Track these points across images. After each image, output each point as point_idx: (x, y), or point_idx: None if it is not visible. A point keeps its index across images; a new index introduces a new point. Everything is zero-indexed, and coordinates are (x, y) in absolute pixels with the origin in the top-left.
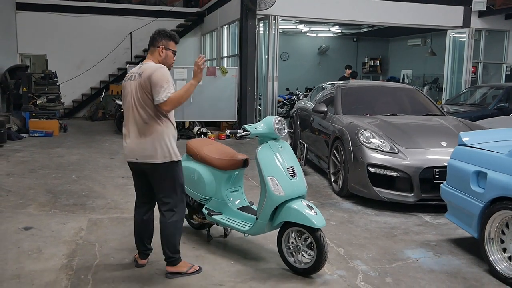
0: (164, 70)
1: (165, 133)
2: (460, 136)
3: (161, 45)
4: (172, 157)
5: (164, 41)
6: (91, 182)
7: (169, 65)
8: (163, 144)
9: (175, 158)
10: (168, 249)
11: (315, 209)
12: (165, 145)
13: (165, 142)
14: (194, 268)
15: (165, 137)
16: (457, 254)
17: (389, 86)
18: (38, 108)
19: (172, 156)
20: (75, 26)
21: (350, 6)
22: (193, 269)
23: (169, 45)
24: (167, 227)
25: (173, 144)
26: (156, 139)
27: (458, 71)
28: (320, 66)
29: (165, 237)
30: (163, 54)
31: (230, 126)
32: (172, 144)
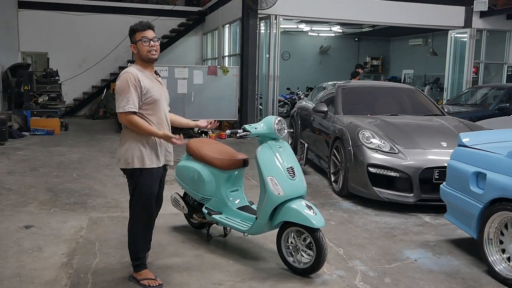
0: (122, 78)
1: (136, 138)
2: (460, 136)
3: (132, 43)
4: (134, 164)
5: (132, 38)
6: (91, 181)
7: (146, 56)
8: (129, 149)
9: (137, 166)
10: (129, 255)
11: (314, 209)
12: (130, 151)
13: (133, 147)
14: (151, 282)
15: (134, 142)
16: (456, 255)
17: (390, 86)
18: (40, 106)
19: (135, 163)
20: (77, 24)
21: (351, 5)
22: (149, 282)
23: (135, 37)
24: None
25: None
26: (126, 142)
27: (459, 71)
28: (321, 65)
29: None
30: (136, 50)
31: (231, 126)
32: (140, 150)
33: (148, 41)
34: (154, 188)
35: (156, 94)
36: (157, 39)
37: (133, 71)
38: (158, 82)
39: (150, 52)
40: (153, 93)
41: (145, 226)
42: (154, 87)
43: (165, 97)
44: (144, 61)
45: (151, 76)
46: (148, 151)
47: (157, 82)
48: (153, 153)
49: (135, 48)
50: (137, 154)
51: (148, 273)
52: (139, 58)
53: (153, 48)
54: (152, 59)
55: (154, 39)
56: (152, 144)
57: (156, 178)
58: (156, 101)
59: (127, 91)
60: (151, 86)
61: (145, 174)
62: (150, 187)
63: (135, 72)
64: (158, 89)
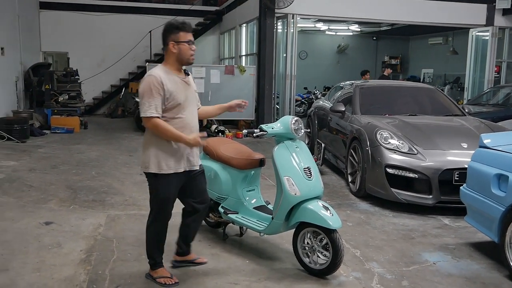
0: (146, 81)
1: (155, 143)
2: (481, 137)
3: (171, 41)
4: (150, 168)
5: (172, 35)
6: (110, 179)
7: (187, 60)
8: (148, 154)
9: (153, 171)
10: (146, 252)
11: (331, 210)
12: (148, 155)
13: (152, 151)
14: (168, 280)
15: (153, 147)
16: (476, 259)
17: (409, 85)
18: (60, 105)
19: (151, 167)
20: (96, 24)
21: (370, 4)
22: (165, 280)
23: (179, 37)
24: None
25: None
26: (145, 146)
27: (481, 71)
28: (339, 64)
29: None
30: (176, 50)
31: (248, 125)
32: (157, 155)
33: (192, 45)
34: (171, 193)
35: (180, 98)
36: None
37: (157, 73)
38: (185, 83)
39: (191, 56)
40: (177, 96)
41: (160, 228)
42: (179, 90)
43: (192, 99)
44: (179, 63)
45: (176, 79)
46: (165, 156)
47: (183, 84)
48: (171, 158)
49: (175, 48)
50: (153, 159)
51: (164, 272)
52: (176, 59)
53: (194, 53)
54: (190, 64)
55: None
56: (171, 150)
57: (175, 183)
58: (179, 105)
59: (149, 95)
60: (175, 89)
61: (161, 179)
62: (166, 192)
63: (159, 75)
64: (183, 92)
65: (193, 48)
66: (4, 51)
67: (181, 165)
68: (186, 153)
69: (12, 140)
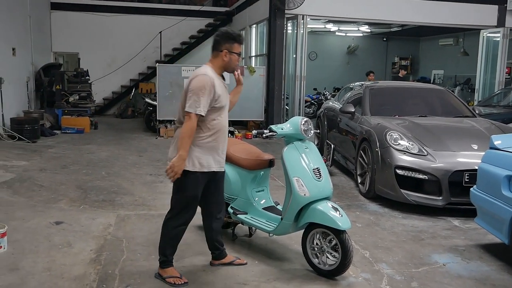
0: (202, 79)
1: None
2: (492, 139)
3: (225, 49)
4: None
5: (227, 44)
6: (120, 179)
7: (232, 69)
8: (175, 149)
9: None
10: (158, 249)
11: (340, 211)
12: (175, 150)
13: (177, 147)
14: (177, 280)
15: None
16: (486, 260)
17: (419, 87)
18: (70, 105)
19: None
20: (107, 25)
21: (380, 5)
22: (174, 280)
23: (233, 48)
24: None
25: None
26: (173, 142)
27: (492, 72)
28: (348, 65)
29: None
30: (227, 59)
31: (257, 125)
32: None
33: (239, 56)
34: (198, 191)
35: (224, 100)
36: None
37: (211, 75)
38: (225, 87)
39: (235, 66)
40: (222, 99)
41: (180, 226)
42: (224, 94)
43: (227, 103)
44: (223, 69)
45: (221, 82)
46: (199, 154)
47: (225, 89)
48: (205, 157)
49: (227, 57)
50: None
51: (174, 271)
52: (223, 65)
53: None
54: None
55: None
56: (202, 149)
57: (202, 182)
58: (222, 108)
59: (202, 94)
60: (222, 93)
61: (191, 176)
62: (194, 190)
63: (213, 77)
64: (227, 96)
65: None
66: (15, 51)
67: (212, 165)
68: (219, 152)
69: (23, 140)
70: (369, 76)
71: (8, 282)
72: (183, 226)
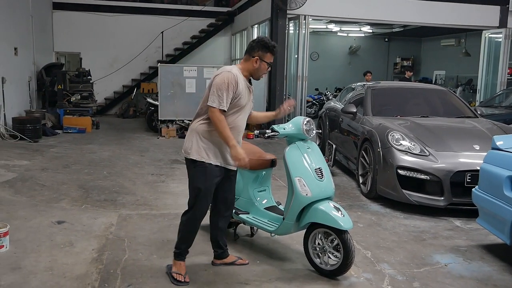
0: (226, 76)
1: (200, 131)
2: (494, 139)
3: (257, 56)
4: (191, 154)
5: (260, 52)
6: (121, 179)
7: (258, 77)
8: (191, 140)
9: (193, 157)
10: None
11: (342, 211)
12: (191, 141)
13: (194, 138)
14: (179, 277)
15: (196, 135)
16: (488, 261)
17: (421, 87)
18: (72, 105)
19: (193, 154)
20: (109, 25)
21: (382, 5)
22: (177, 276)
23: (265, 57)
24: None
25: (200, 143)
26: (190, 133)
27: (493, 72)
28: (350, 66)
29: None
30: (257, 65)
31: (259, 125)
32: (198, 143)
33: (270, 66)
34: (208, 184)
35: (244, 101)
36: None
37: (236, 72)
38: (248, 89)
39: (263, 75)
40: (243, 99)
41: (195, 218)
42: (245, 94)
43: (249, 106)
44: (250, 75)
45: (245, 83)
46: (206, 145)
47: (248, 89)
48: (212, 150)
49: (257, 64)
50: (195, 146)
51: (181, 267)
52: (251, 71)
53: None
54: (257, 80)
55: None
56: (214, 142)
57: (212, 175)
58: (241, 108)
59: (225, 89)
60: (243, 92)
61: (199, 167)
62: (203, 181)
63: (237, 74)
64: (248, 97)
65: (268, 70)
66: (17, 51)
67: (220, 159)
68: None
69: (25, 139)
70: (366, 76)
71: (10, 281)
72: (194, 221)
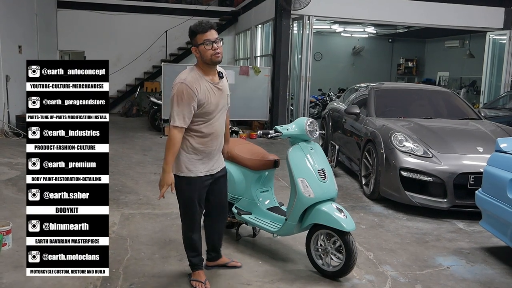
0: (178, 89)
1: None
2: (498, 142)
3: (193, 46)
4: (175, 170)
5: (192, 40)
6: (124, 178)
7: (210, 60)
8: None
9: (177, 173)
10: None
11: (345, 212)
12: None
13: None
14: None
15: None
16: (491, 263)
17: (424, 88)
18: None
19: (174, 169)
20: (113, 24)
21: (386, 6)
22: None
23: (197, 40)
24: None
25: (182, 158)
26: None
27: (497, 74)
28: (354, 66)
29: None
30: (198, 53)
31: (262, 126)
32: (180, 158)
33: (211, 44)
34: (191, 194)
35: (212, 106)
36: (219, 39)
37: (189, 81)
38: (217, 88)
39: (214, 55)
40: (209, 104)
41: (188, 229)
42: (211, 97)
43: (223, 106)
44: (207, 64)
45: (209, 85)
46: (186, 160)
47: (216, 89)
48: (186, 162)
49: (197, 52)
50: (177, 162)
51: (200, 275)
52: (202, 62)
53: (216, 51)
54: (217, 62)
55: (217, 41)
56: (190, 154)
57: (194, 185)
58: (211, 113)
59: (179, 104)
60: (208, 95)
61: (183, 180)
62: (186, 192)
63: (191, 82)
64: (216, 98)
65: (214, 47)
66: (21, 49)
67: (201, 170)
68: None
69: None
70: None
71: (12, 279)
72: (190, 233)
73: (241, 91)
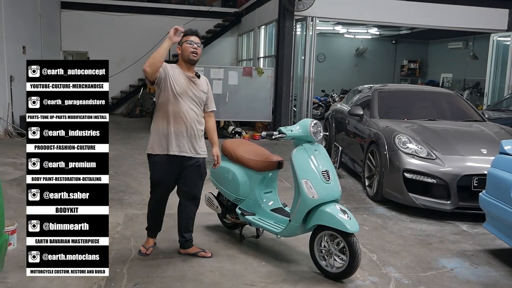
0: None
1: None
2: (502, 144)
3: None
4: (147, 149)
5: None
6: (128, 178)
7: (188, 56)
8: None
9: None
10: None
11: (348, 214)
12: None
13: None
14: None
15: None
16: (494, 266)
17: (428, 90)
18: None
19: (147, 149)
20: (116, 24)
21: (389, 8)
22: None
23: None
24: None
25: (152, 137)
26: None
27: (501, 76)
28: (357, 68)
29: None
30: (180, 51)
31: (265, 127)
32: (151, 138)
33: (192, 44)
34: (159, 175)
35: (180, 87)
36: (200, 45)
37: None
38: (190, 80)
39: (192, 53)
40: (178, 84)
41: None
42: (182, 80)
43: (192, 96)
44: (185, 61)
45: (184, 75)
46: (155, 138)
47: (189, 81)
48: (159, 141)
49: (180, 49)
50: (149, 142)
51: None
52: (182, 58)
53: (195, 51)
54: (193, 61)
55: (198, 44)
56: (161, 133)
57: (160, 165)
58: (178, 94)
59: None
60: (178, 80)
61: (151, 159)
62: (154, 173)
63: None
64: (186, 85)
65: (194, 47)
66: (25, 50)
67: (168, 149)
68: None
69: None
70: None
71: (17, 279)
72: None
73: (244, 92)
